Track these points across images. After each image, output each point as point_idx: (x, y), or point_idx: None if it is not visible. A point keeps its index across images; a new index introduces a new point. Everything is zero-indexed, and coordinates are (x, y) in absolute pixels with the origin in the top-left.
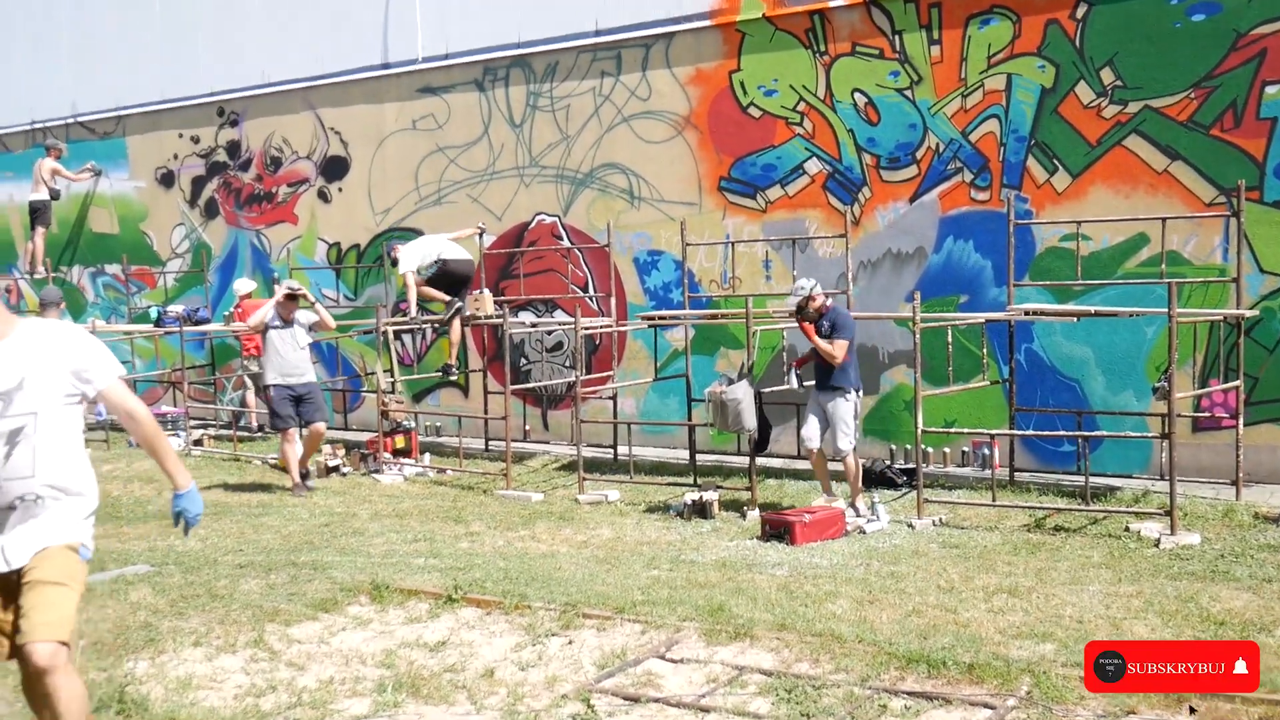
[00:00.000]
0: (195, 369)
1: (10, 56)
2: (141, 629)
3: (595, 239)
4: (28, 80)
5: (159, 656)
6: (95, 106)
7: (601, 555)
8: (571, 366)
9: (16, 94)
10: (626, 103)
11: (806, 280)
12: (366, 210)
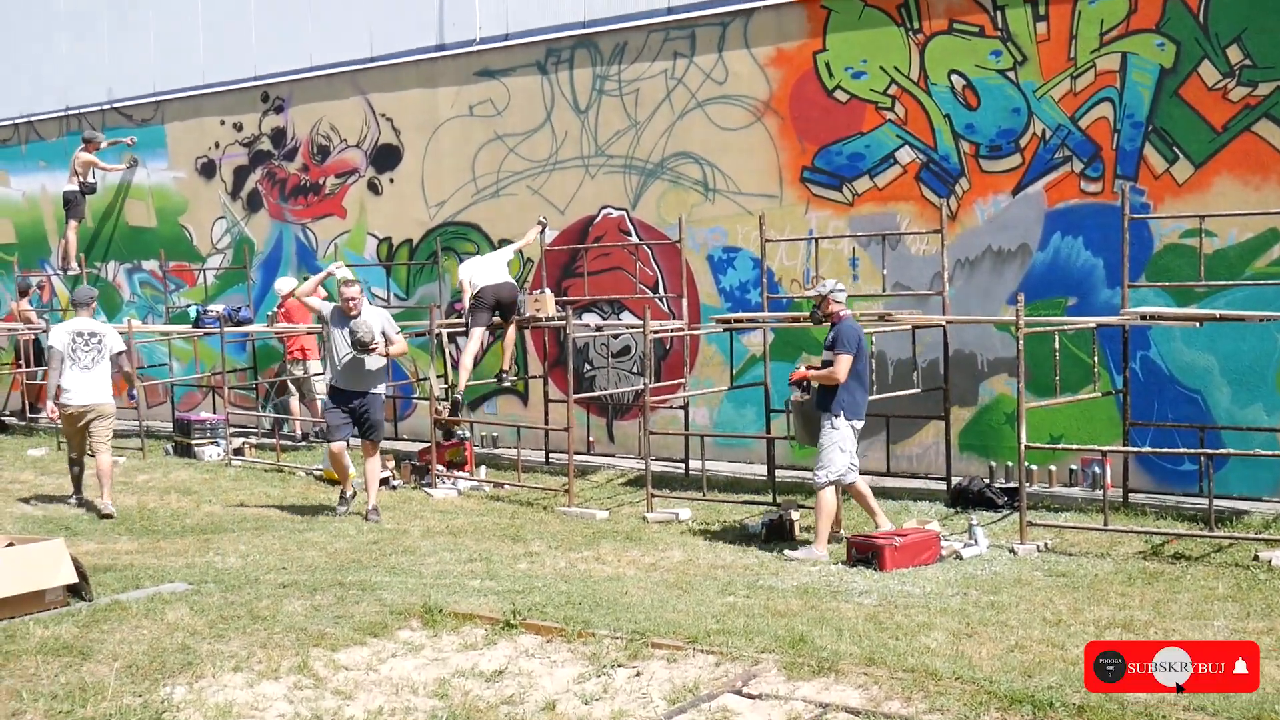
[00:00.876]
0: (236, 373)
1: (46, 37)
2: (179, 651)
3: (666, 235)
4: (64, 63)
5: (197, 681)
6: (133, 92)
7: (672, 579)
8: (639, 373)
9: (51, 78)
10: (701, 86)
11: (831, 280)
12: (419, 203)
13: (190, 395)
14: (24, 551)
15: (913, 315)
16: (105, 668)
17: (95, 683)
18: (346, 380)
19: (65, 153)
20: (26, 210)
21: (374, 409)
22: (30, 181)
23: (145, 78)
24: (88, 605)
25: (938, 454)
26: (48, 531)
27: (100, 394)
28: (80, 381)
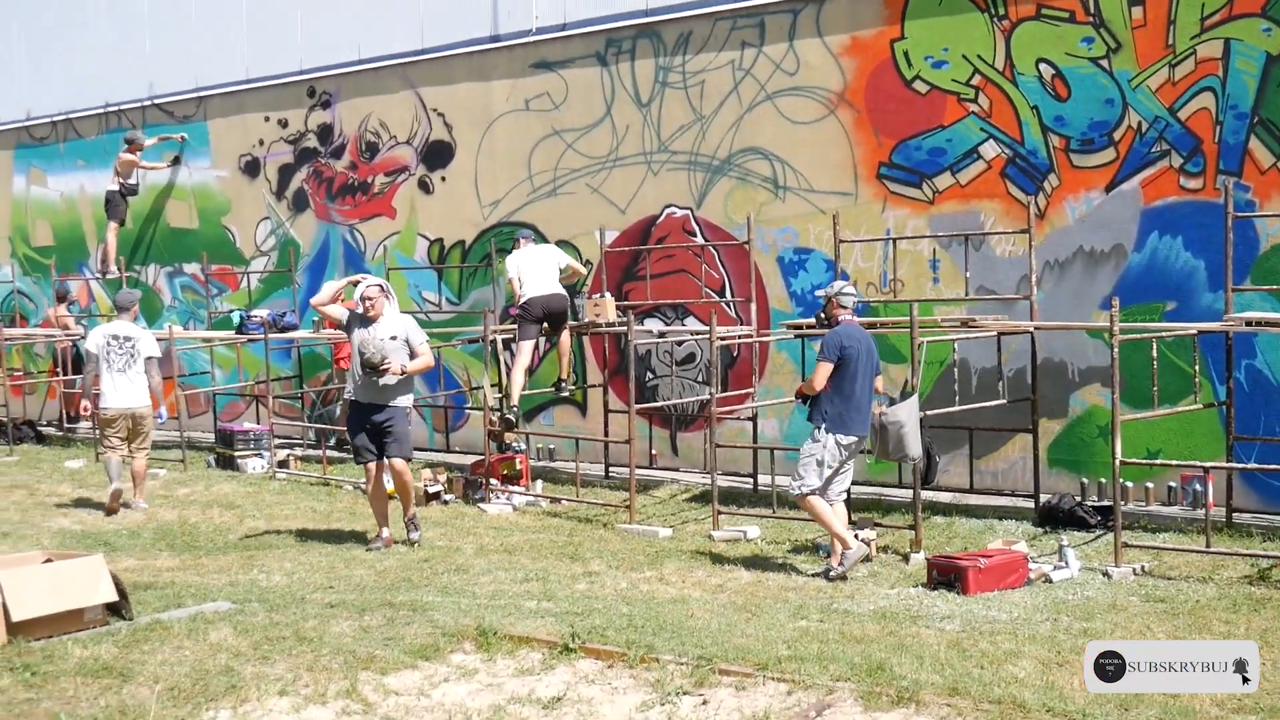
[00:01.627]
0: (281, 381)
1: (86, 31)
2: (222, 674)
3: (733, 235)
4: (103, 58)
5: (241, 706)
6: (174, 87)
7: (740, 602)
8: (705, 382)
9: (91, 72)
10: (771, 77)
11: (841, 281)
12: (473, 202)
13: (233, 405)
14: (62, 568)
15: (998, 321)
16: (146, 690)
17: (136, 706)
18: (365, 393)
19: (105, 151)
20: (64, 211)
21: (397, 422)
22: (68, 181)
23: (187, 73)
24: (128, 624)
25: (1025, 470)
26: (86, 547)
27: (137, 397)
28: (116, 385)
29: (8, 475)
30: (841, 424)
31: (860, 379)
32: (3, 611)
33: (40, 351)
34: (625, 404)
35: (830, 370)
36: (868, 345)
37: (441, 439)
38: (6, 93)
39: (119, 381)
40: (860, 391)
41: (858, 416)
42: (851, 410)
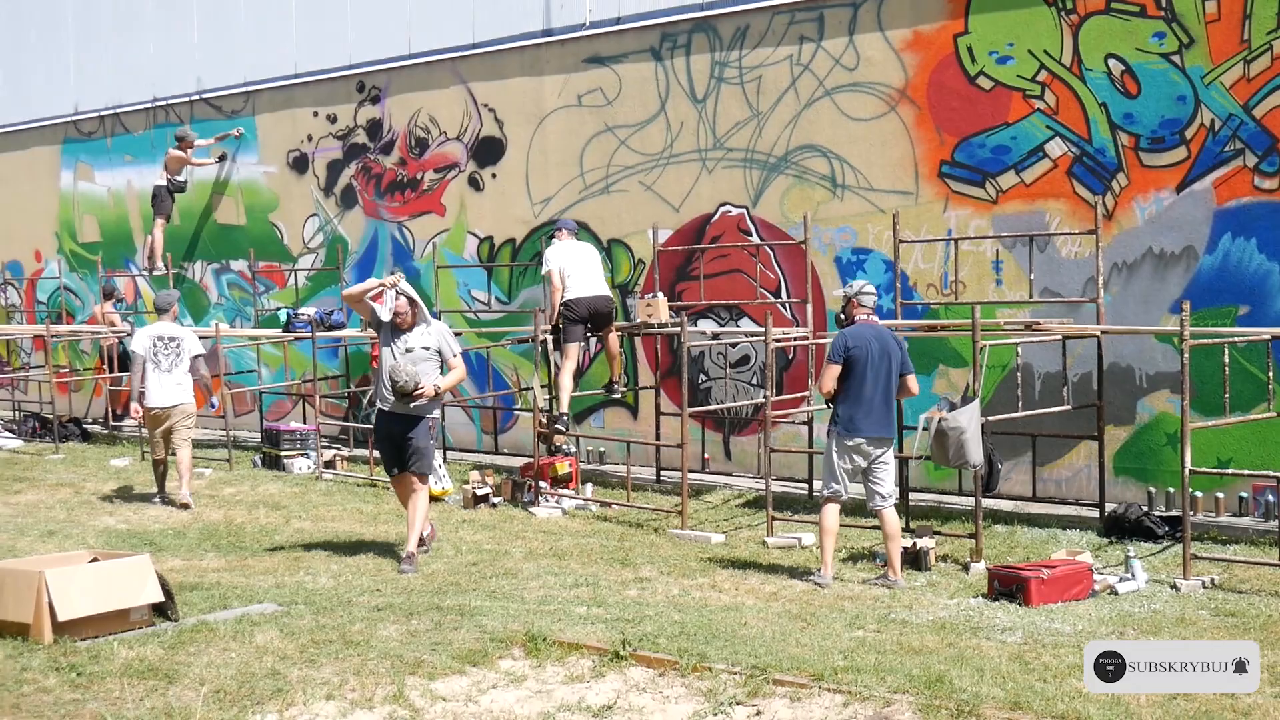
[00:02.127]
0: (328, 380)
1: (134, 24)
2: (268, 677)
3: (790, 234)
4: (152, 52)
5: (287, 710)
6: (223, 82)
7: (795, 610)
8: (760, 385)
9: (139, 67)
10: (830, 73)
11: (860, 281)
12: (524, 199)
13: (279, 404)
14: (109, 568)
15: (1063, 325)
16: (192, 692)
17: (182, 708)
18: (388, 399)
19: (152, 146)
20: (112, 207)
21: (419, 435)
22: (116, 177)
23: (235, 67)
24: (174, 626)
25: (1090, 478)
26: (132, 546)
27: (180, 395)
28: (161, 384)
29: (54, 473)
30: (850, 426)
31: (871, 380)
32: (49, 611)
33: (86, 349)
34: (678, 407)
35: (836, 372)
36: (883, 345)
37: (489, 440)
38: (56, 87)
39: (164, 380)
40: (871, 393)
41: (867, 419)
42: (860, 412)
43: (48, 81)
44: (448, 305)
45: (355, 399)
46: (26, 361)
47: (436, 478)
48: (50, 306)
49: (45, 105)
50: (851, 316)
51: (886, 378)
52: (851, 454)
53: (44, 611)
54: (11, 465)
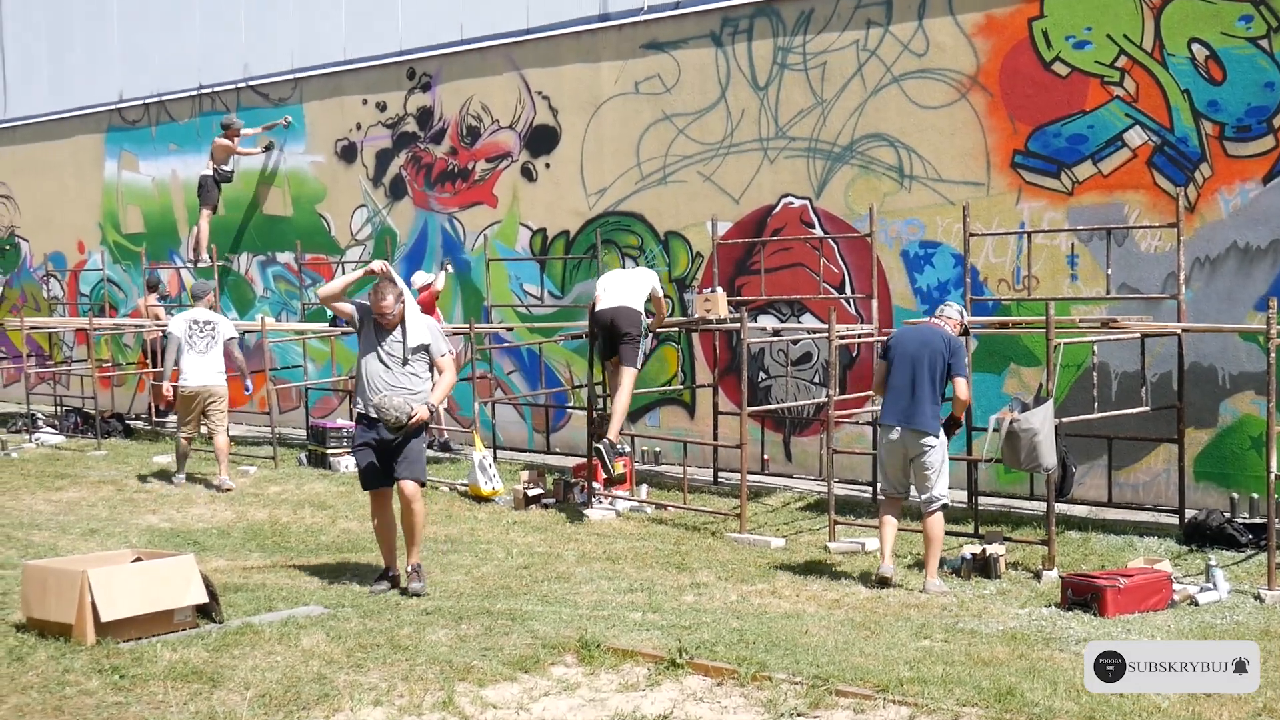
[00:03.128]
0: None
1: (180, 9)
2: (314, 681)
3: (855, 227)
4: (197, 38)
5: (334, 715)
6: (270, 68)
7: (858, 618)
8: (823, 384)
9: (185, 53)
10: (897, 59)
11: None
12: (578, 190)
13: (326, 400)
14: (152, 568)
15: (1142, 322)
16: (237, 696)
17: (227, 713)
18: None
19: (197, 135)
20: (156, 197)
21: (411, 439)
22: (160, 166)
23: (283, 54)
24: (218, 628)
25: (1169, 483)
26: (175, 546)
27: (214, 377)
28: (196, 365)
29: (96, 470)
30: (882, 415)
31: (899, 370)
32: (92, 611)
33: (129, 342)
34: (736, 406)
35: (880, 368)
36: (922, 341)
37: (541, 439)
38: (100, 74)
39: (199, 362)
40: (899, 382)
41: (892, 406)
42: (889, 400)
43: (92, 68)
44: (499, 299)
45: None
46: (69, 355)
47: (486, 477)
48: (93, 299)
49: (89, 93)
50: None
51: (915, 369)
52: (890, 447)
53: (86, 612)
54: (53, 461)
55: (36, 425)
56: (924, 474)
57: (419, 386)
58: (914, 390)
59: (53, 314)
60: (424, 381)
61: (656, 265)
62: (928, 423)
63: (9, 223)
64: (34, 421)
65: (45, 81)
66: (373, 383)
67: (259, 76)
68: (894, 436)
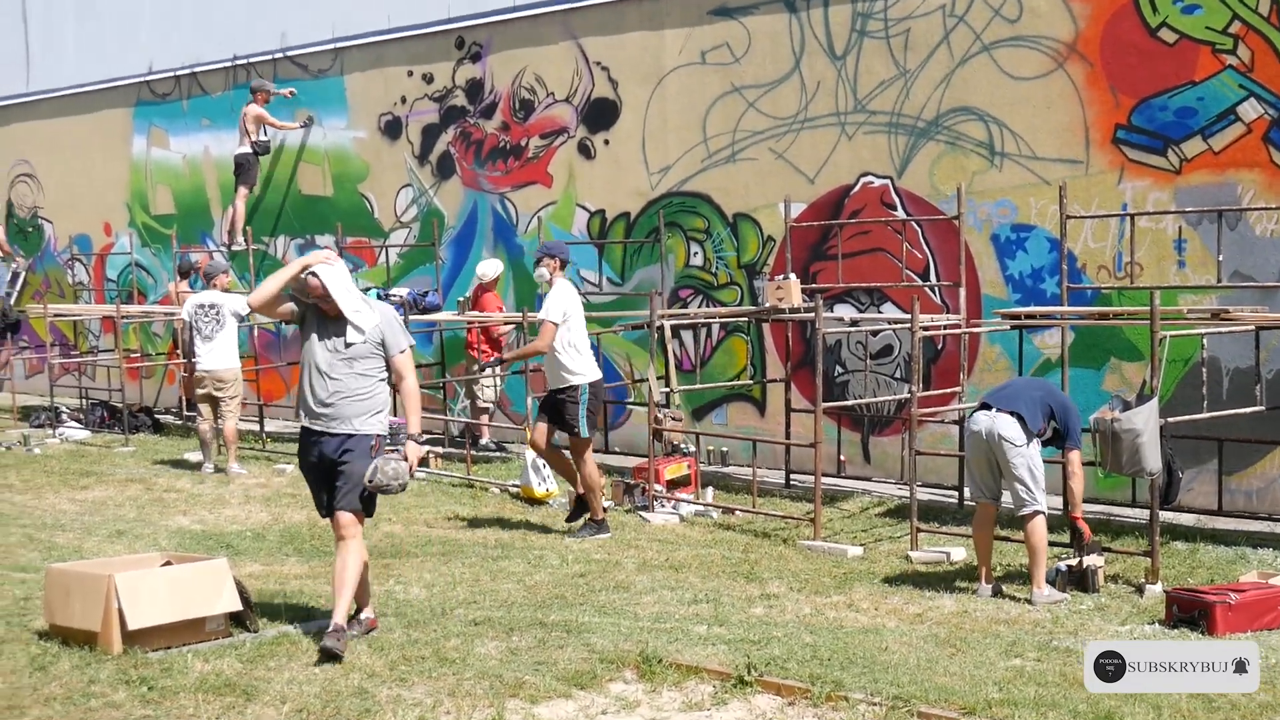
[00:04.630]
0: (421, 369)
1: None
2: (355, 696)
3: (940, 209)
4: (233, 4)
5: None
6: (309, 38)
7: (943, 634)
8: (905, 379)
9: (219, 21)
10: (988, 25)
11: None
12: (639, 169)
13: None
14: (183, 573)
15: (1256, 313)
16: (273, 711)
17: None
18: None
19: (231, 109)
20: (187, 176)
21: (354, 457)
22: (192, 143)
23: (322, 21)
24: (252, 637)
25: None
26: (207, 549)
27: (220, 360)
28: (202, 350)
29: (123, 468)
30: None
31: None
32: (119, 618)
33: (159, 331)
34: (810, 402)
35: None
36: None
37: (599, 438)
38: (129, 43)
39: (205, 347)
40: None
41: (992, 395)
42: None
43: (120, 37)
44: None
45: (451, 390)
46: (95, 345)
47: (540, 479)
48: (120, 285)
49: (117, 64)
50: None
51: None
52: (974, 445)
53: (113, 619)
54: (78, 458)
55: (60, 419)
56: (1012, 473)
57: (368, 391)
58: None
59: (78, 301)
60: (373, 384)
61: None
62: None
63: (32, 203)
64: (58, 415)
65: (70, 52)
66: (314, 389)
67: (297, 46)
68: (980, 430)
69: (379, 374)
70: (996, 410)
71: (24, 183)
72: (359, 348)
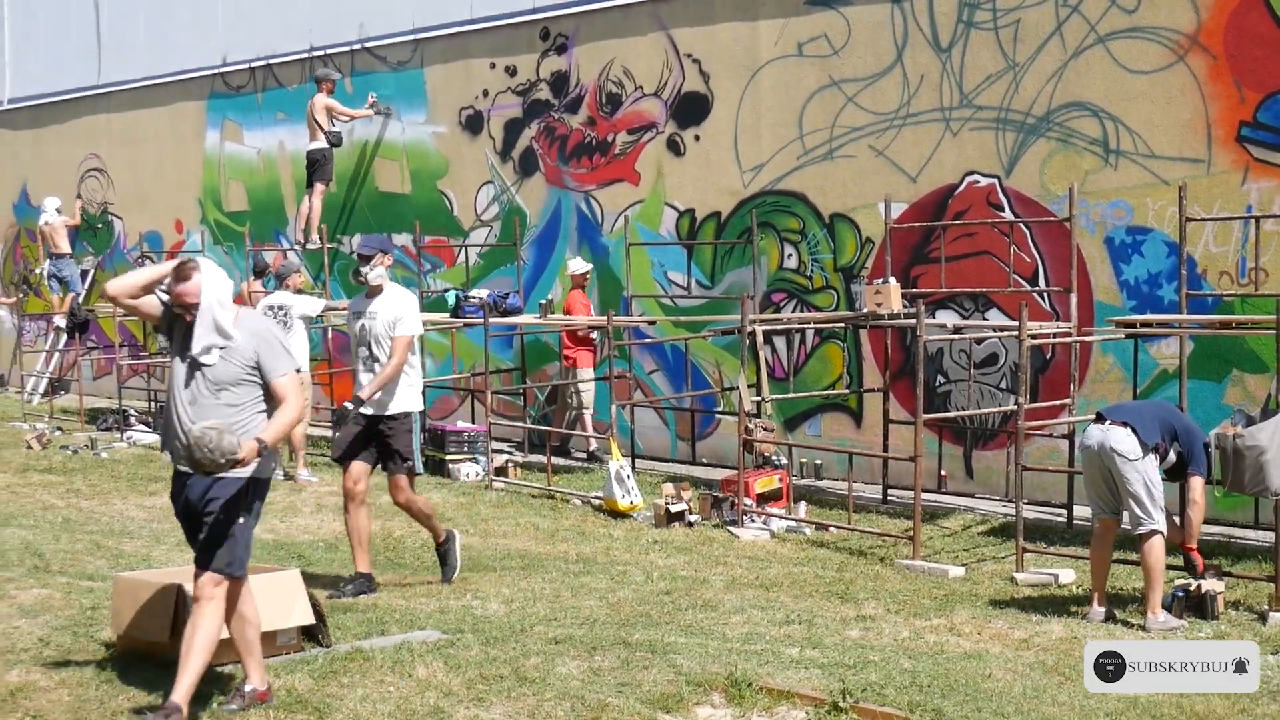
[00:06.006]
0: (501, 374)
1: None
2: (430, 715)
3: (1051, 210)
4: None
5: None
6: (388, 29)
7: (1050, 661)
8: (1011, 390)
9: (296, 12)
10: (1104, 16)
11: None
12: (731, 166)
13: (445, 400)
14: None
15: None
16: None
17: None
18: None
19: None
20: (262, 171)
21: (221, 507)
22: (267, 137)
23: (402, 12)
24: (325, 652)
25: None
26: (278, 559)
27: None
28: None
29: None
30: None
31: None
32: None
33: None
34: (910, 413)
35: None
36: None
37: (686, 448)
38: (203, 34)
39: None
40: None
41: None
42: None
43: (194, 28)
44: (640, 289)
45: (532, 396)
46: (164, 346)
47: (624, 490)
48: None
49: (190, 55)
50: None
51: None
52: (1088, 461)
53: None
54: (146, 463)
55: (128, 422)
56: (1126, 489)
57: (239, 425)
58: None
59: None
60: (248, 417)
61: (821, 252)
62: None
63: (102, 199)
64: (125, 418)
65: (143, 43)
66: (177, 421)
67: (376, 38)
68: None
69: (255, 404)
70: (1110, 423)
71: (94, 177)
72: (222, 370)
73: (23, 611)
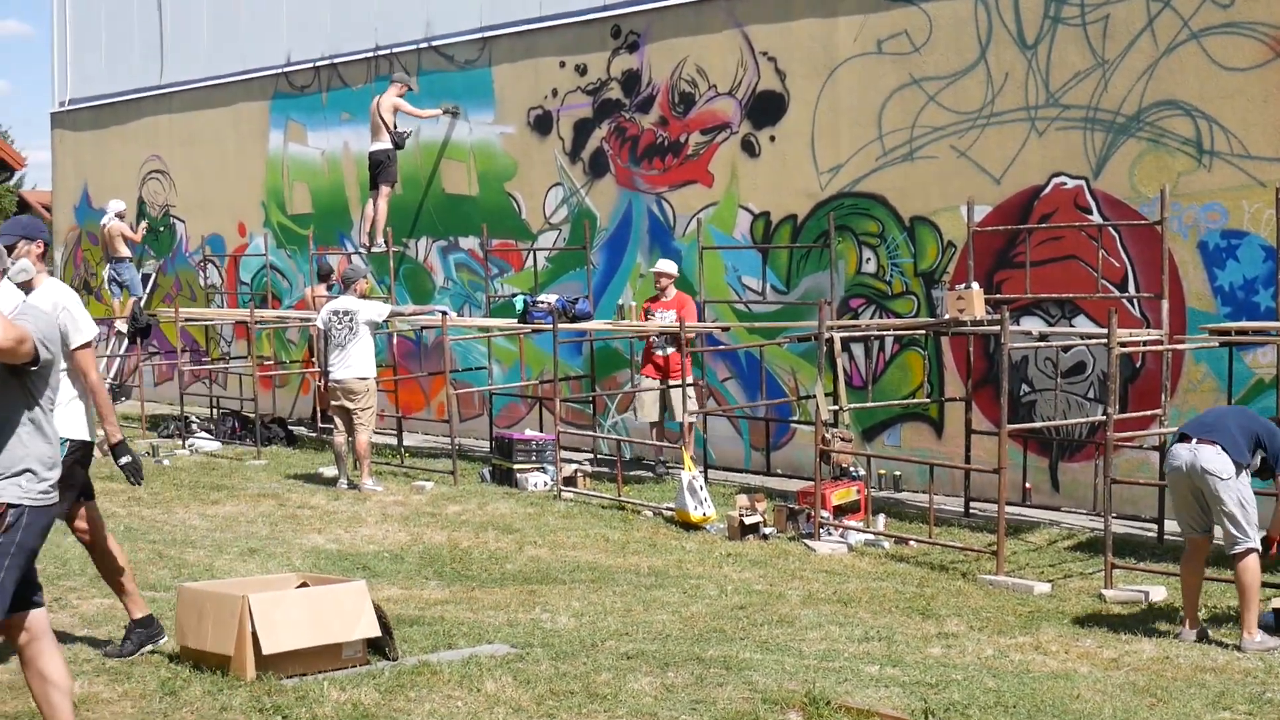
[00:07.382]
0: (570, 381)
1: None
2: None
3: (1141, 213)
4: None
5: None
6: (455, 27)
7: (1141, 682)
8: (1099, 400)
9: (361, 10)
10: (1197, 11)
11: None
12: (808, 168)
13: (512, 407)
14: (320, 595)
15: None
16: None
17: None
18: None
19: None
20: (325, 173)
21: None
22: (331, 138)
23: (470, 9)
24: (391, 666)
25: None
26: (343, 570)
27: (350, 369)
28: (335, 359)
29: (255, 481)
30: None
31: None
32: (253, 642)
33: (294, 338)
34: (994, 424)
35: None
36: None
37: (760, 458)
38: (267, 33)
39: (338, 356)
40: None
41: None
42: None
43: (257, 27)
44: (713, 294)
45: (602, 404)
46: (226, 351)
47: (696, 501)
48: (254, 288)
49: (254, 55)
50: None
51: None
52: (1176, 481)
53: (246, 643)
54: (208, 471)
55: (190, 430)
56: (1220, 508)
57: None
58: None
59: (210, 304)
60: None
61: (901, 256)
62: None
63: (163, 201)
64: (188, 425)
65: (205, 42)
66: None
67: (443, 36)
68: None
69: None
70: (1197, 441)
71: (155, 179)
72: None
73: (85, 621)
